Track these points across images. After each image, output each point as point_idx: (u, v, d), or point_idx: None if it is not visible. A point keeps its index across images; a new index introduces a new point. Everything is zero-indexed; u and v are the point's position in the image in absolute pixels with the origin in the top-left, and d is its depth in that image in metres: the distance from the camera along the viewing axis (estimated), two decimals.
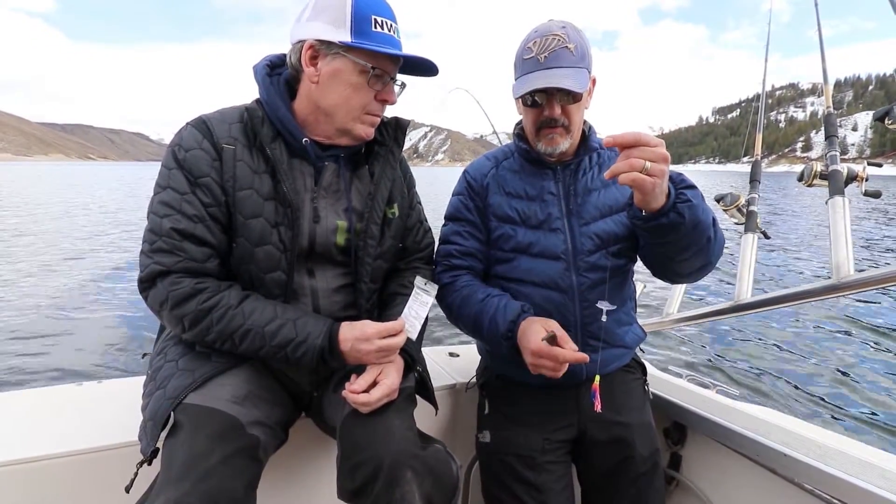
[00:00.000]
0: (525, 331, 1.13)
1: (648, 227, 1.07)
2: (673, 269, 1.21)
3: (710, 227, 1.10)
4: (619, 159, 0.94)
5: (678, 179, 1.10)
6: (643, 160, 0.91)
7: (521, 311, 1.17)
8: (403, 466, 0.96)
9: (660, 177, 0.94)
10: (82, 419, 1.23)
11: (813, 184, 1.65)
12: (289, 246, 1.08)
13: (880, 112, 1.48)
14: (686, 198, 1.04)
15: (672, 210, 1.03)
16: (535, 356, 1.09)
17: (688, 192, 1.05)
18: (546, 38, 1.16)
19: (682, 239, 1.07)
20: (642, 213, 1.06)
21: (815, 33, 1.93)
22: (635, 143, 0.92)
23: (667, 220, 1.03)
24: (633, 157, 0.92)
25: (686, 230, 1.05)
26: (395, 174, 1.23)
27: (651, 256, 1.22)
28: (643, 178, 0.92)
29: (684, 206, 1.03)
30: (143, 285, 1.03)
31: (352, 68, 1.06)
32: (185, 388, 0.99)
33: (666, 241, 1.09)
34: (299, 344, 1.03)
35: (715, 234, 1.13)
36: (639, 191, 0.98)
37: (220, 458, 0.89)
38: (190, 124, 1.08)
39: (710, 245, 1.13)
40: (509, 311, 1.17)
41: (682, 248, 1.11)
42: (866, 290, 1.34)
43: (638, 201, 1.02)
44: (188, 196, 1.03)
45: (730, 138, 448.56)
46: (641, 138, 0.92)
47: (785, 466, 1.16)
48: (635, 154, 0.92)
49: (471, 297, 1.24)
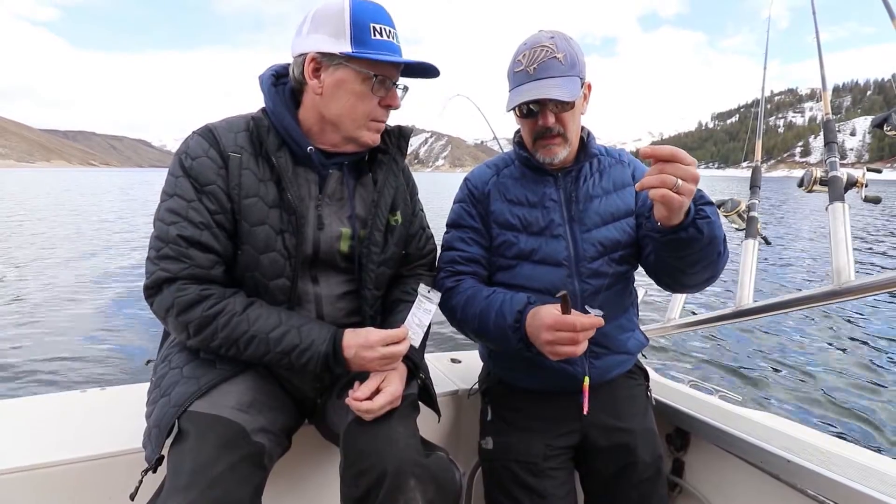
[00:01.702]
0: (534, 316, 1.11)
1: (665, 241, 1.06)
2: (681, 281, 1.20)
3: (721, 242, 1.11)
4: (650, 172, 0.93)
5: (697, 195, 1.08)
6: (675, 177, 0.91)
7: (527, 301, 1.16)
8: (406, 474, 0.96)
9: (688, 196, 0.94)
10: (86, 426, 1.23)
11: (813, 189, 1.66)
12: (293, 253, 1.09)
13: (879, 118, 1.49)
14: (705, 214, 1.03)
15: (691, 225, 1.02)
16: (550, 330, 1.04)
17: (706, 208, 1.05)
18: (535, 50, 1.18)
19: (695, 253, 1.07)
20: (659, 226, 1.05)
21: (813, 39, 1.95)
22: (671, 159, 0.91)
23: (685, 235, 1.03)
24: (666, 173, 0.91)
25: (702, 245, 1.05)
26: (399, 181, 1.24)
27: (660, 267, 1.21)
28: (672, 195, 0.92)
29: (703, 222, 1.02)
30: (148, 292, 1.04)
31: (354, 77, 1.07)
32: (189, 395, 0.99)
33: (680, 255, 1.09)
34: (303, 350, 1.03)
35: (724, 248, 1.13)
36: (665, 207, 0.97)
37: (227, 465, 0.89)
38: (196, 133, 1.09)
39: (720, 259, 1.13)
40: (516, 301, 1.16)
41: (694, 261, 1.11)
42: (867, 295, 1.34)
43: (659, 216, 1.02)
44: (194, 203, 1.04)
45: (729, 143, 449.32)
46: (677, 154, 0.91)
47: (788, 472, 1.16)
48: (668, 170, 0.91)
49: (476, 296, 1.24)
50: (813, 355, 5.40)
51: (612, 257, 1.26)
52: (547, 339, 1.06)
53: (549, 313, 1.07)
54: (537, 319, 1.09)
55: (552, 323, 1.05)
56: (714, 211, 1.07)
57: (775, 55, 42.97)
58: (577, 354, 1.04)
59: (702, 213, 1.04)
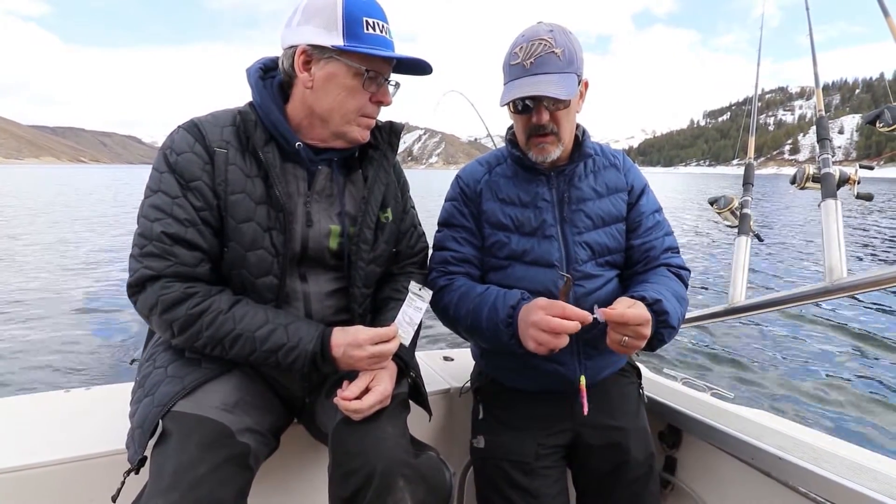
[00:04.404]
0: (527, 309, 1.10)
1: None
2: None
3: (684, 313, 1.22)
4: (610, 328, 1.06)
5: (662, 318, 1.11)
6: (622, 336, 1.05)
7: (520, 297, 1.15)
8: (395, 474, 0.95)
9: (633, 349, 1.08)
10: (69, 427, 1.21)
11: (805, 186, 1.66)
12: (281, 250, 1.07)
13: (871, 115, 1.49)
14: (662, 336, 1.12)
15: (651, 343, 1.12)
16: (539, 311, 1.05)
17: (664, 331, 1.12)
18: (532, 44, 1.15)
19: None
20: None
21: (804, 38, 1.95)
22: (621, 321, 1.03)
23: (648, 348, 1.13)
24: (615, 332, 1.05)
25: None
26: (389, 178, 1.23)
27: None
28: (619, 347, 1.06)
29: (659, 343, 1.13)
30: (132, 290, 1.02)
31: (346, 72, 1.05)
32: (174, 395, 0.97)
33: None
34: (291, 349, 1.02)
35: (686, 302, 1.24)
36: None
37: (210, 466, 0.87)
38: (181, 127, 1.07)
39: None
40: (509, 297, 1.15)
41: None
42: (859, 292, 1.34)
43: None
44: (179, 200, 1.02)
45: (720, 141, 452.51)
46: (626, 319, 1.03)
47: (779, 469, 1.17)
48: (618, 330, 1.05)
49: (469, 293, 1.22)
50: (805, 353, 5.44)
51: (601, 261, 1.26)
52: (533, 320, 1.05)
53: (542, 299, 1.09)
54: (530, 308, 1.09)
55: (544, 304, 1.06)
56: (676, 312, 1.15)
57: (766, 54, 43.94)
58: (555, 346, 1.04)
59: (659, 336, 1.11)
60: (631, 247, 1.30)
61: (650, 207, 1.33)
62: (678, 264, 1.30)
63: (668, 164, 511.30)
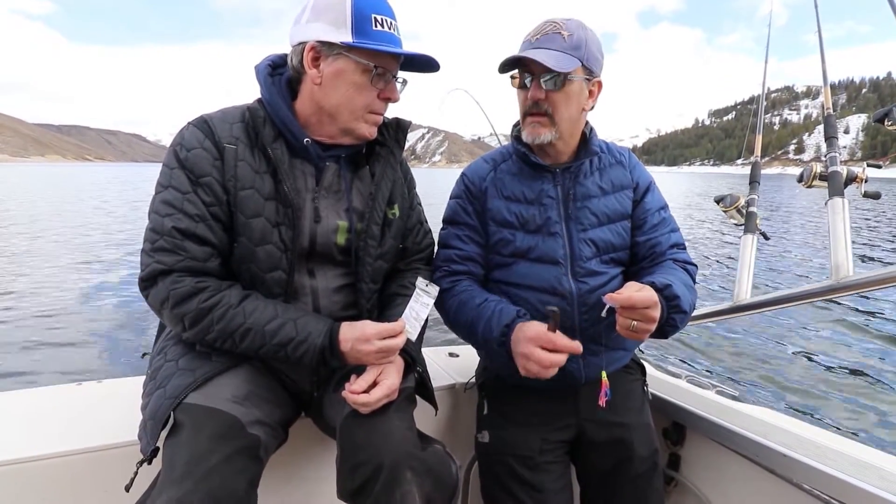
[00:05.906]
0: (520, 329, 1.12)
1: None
2: None
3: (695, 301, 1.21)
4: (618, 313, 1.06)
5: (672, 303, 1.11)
6: (632, 321, 1.04)
7: (516, 316, 1.16)
8: (403, 467, 0.96)
9: (643, 333, 1.07)
10: (82, 418, 1.23)
11: (812, 185, 1.65)
12: (289, 245, 1.08)
13: (880, 113, 1.48)
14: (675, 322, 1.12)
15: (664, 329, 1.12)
16: (529, 344, 1.07)
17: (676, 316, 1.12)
18: (545, 24, 1.21)
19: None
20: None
21: (810, 37, 1.94)
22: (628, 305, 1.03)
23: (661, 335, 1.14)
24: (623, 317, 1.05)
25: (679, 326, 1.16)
26: (396, 175, 1.23)
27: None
28: (629, 333, 1.06)
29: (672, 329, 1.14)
30: (143, 284, 1.03)
31: (354, 68, 1.06)
32: (185, 387, 0.99)
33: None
34: (300, 343, 1.03)
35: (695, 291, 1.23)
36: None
37: (222, 457, 0.89)
38: (192, 124, 1.08)
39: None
40: (504, 315, 1.16)
41: None
42: (865, 290, 1.34)
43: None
44: (190, 195, 1.03)
45: (724, 140, 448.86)
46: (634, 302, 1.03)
47: (784, 466, 1.17)
48: (626, 314, 1.04)
49: (468, 303, 1.24)
50: (810, 351, 5.42)
51: (605, 258, 1.26)
52: (523, 352, 1.08)
53: (533, 327, 1.09)
54: (521, 333, 1.11)
55: (533, 336, 1.07)
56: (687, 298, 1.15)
57: (772, 52, 43.05)
58: (544, 376, 1.07)
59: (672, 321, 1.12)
60: (636, 244, 1.30)
61: (656, 204, 1.34)
62: (684, 259, 1.30)
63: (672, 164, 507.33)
